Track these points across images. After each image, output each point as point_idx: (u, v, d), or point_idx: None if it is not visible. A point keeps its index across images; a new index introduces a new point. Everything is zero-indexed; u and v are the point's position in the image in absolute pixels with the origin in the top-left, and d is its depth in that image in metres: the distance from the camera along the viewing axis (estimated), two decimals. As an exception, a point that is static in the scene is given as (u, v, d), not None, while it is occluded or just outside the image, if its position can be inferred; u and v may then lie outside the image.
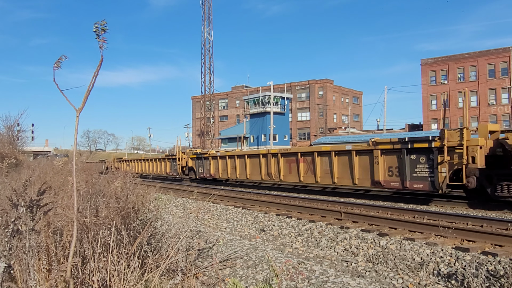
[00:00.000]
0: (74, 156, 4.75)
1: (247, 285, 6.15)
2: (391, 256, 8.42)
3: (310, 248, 9.92)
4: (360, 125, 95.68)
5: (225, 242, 9.18)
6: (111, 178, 8.50)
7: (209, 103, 77.37)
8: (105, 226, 5.16)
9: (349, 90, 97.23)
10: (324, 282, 6.00)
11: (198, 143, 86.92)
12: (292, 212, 13.75)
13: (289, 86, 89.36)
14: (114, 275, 4.62)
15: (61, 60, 4.40)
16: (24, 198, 4.51)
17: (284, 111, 69.16)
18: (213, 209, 15.69)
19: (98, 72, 4.40)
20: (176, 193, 21.20)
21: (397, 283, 7.12)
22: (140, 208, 6.93)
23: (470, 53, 68.77)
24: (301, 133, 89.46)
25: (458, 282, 6.97)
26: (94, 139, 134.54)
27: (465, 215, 11.79)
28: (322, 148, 21.70)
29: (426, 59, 73.40)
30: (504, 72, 65.17)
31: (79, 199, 5.83)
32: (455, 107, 69.23)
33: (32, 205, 4.56)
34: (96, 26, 4.32)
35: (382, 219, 11.14)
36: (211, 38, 73.69)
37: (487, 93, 66.50)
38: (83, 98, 4.39)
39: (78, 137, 4.77)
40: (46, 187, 5.01)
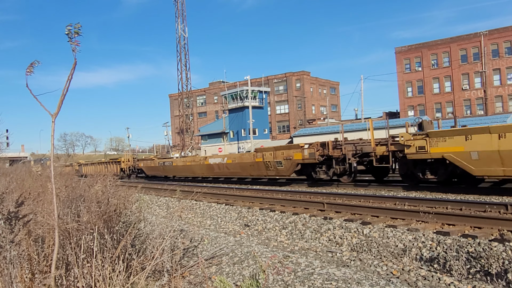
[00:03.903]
0: (52, 162, 4.68)
1: (234, 282, 6.16)
2: (375, 244, 8.55)
3: (295, 241, 9.99)
4: (338, 115, 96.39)
5: (210, 239, 9.17)
6: (91, 182, 8.38)
7: (187, 100, 76.84)
8: (87, 231, 5.10)
9: (326, 81, 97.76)
10: (310, 274, 6.05)
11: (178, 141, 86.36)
12: (275, 205, 13.81)
13: (266, 80, 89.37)
14: (99, 280, 4.58)
15: (34, 65, 4.31)
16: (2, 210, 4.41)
17: (262, 105, 69.17)
18: (197, 207, 15.64)
19: (72, 75, 4.33)
20: (158, 193, 21.06)
21: (381, 271, 7.23)
22: (122, 210, 6.86)
23: (443, 40, 69.81)
24: (281, 126, 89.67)
25: (440, 265, 7.12)
26: (72, 142, 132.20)
27: (445, 199, 12.04)
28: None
29: (400, 47, 74.25)
30: (476, 57, 66.40)
31: (59, 205, 5.74)
32: (430, 93, 70.32)
33: (11, 218, 4.46)
34: (68, 28, 4.23)
35: (364, 208, 11.29)
36: (186, 34, 73.02)
37: (460, 78, 67.69)
38: (58, 103, 4.32)
39: (54, 141, 4.69)
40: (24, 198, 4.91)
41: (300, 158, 21.56)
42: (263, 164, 24.16)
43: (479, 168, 14.42)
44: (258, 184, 25.67)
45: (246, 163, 25.90)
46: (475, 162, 14.42)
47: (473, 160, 14.47)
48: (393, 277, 6.78)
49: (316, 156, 20.55)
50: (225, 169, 28.15)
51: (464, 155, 14.68)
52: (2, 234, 4.42)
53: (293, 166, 22.25)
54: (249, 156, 26.14)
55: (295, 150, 22.17)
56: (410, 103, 72.41)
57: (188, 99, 77.16)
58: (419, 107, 71.05)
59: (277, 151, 23.39)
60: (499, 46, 64.47)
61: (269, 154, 23.83)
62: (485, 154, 14.06)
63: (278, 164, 23.07)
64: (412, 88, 72.54)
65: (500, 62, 64.62)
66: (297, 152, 21.84)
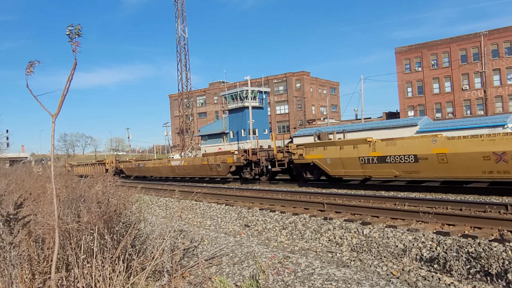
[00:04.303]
0: (52, 162, 4.68)
1: (234, 282, 6.16)
2: (375, 244, 8.55)
3: (295, 241, 9.99)
4: (338, 115, 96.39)
5: (210, 240, 9.18)
6: (91, 183, 8.39)
7: (187, 100, 76.85)
8: (87, 231, 5.11)
9: (326, 81, 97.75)
10: (310, 274, 6.06)
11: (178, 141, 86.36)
12: (275, 205, 13.81)
13: (266, 80, 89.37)
14: (99, 281, 4.58)
15: (34, 65, 4.30)
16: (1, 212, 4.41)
17: (262, 105, 69.17)
18: (196, 207, 15.64)
19: (73, 76, 4.33)
20: (158, 193, 21.06)
21: (381, 271, 7.23)
22: (122, 211, 6.87)
23: (443, 40, 69.82)
24: (281, 126, 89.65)
25: (440, 265, 7.12)
26: (72, 142, 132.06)
27: (445, 200, 12.04)
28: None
29: (400, 47, 74.26)
30: (476, 57, 66.40)
31: (59, 205, 5.74)
32: (430, 93, 70.31)
33: (10, 219, 4.46)
34: (69, 29, 4.23)
35: (364, 208, 11.29)
36: (186, 35, 73.06)
37: (460, 78, 67.69)
38: (58, 103, 4.32)
39: (55, 141, 4.69)
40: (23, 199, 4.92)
41: (231, 161, 26.68)
42: (208, 166, 29.15)
43: (332, 170, 20.13)
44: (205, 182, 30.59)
45: (197, 165, 30.78)
46: (330, 165, 20.12)
47: (328, 164, 20.18)
48: (393, 277, 6.78)
49: (241, 160, 25.90)
50: (183, 170, 32.97)
51: (323, 160, 20.42)
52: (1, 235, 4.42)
53: (227, 168, 27.29)
54: (199, 160, 31.31)
55: (228, 155, 27.30)
56: (410, 103, 72.41)
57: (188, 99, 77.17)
58: (419, 107, 71.06)
59: (217, 155, 28.89)
60: (499, 46, 64.47)
61: (212, 158, 28.86)
62: (334, 160, 19.79)
63: (218, 166, 28.22)
64: (412, 88, 72.54)
65: (500, 62, 64.62)
66: (230, 157, 26.91)
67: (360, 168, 18.56)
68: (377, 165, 17.75)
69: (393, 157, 17.10)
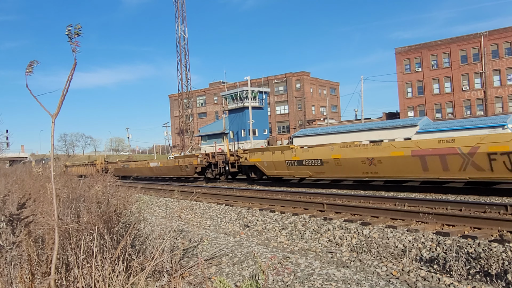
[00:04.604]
0: (52, 162, 4.68)
1: (234, 282, 6.16)
2: (375, 244, 8.55)
3: (295, 241, 9.99)
4: (338, 116, 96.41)
5: (209, 240, 9.17)
6: (91, 183, 8.39)
7: (186, 100, 76.88)
8: (87, 231, 5.11)
9: (326, 81, 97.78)
10: (310, 274, 6.06)
11: (178, 141, 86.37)
12: (275, 206, 13.81)
13: (266, 80, 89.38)
14: (99, 281, 4.58)
15: (33, 64, 4.31)
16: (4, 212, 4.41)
17: (262, 105, 69.18)
18: (196, 207, 15.64)
19: (72, 76, 4.33)
20: (157, 193, 21.06)
21: (381, 271, 7.23)
22: (122, 211, 6.87)
23: (443, 40, 69.85)
24: (281, 126, 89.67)
25: (440, 266, 7.12)
26: (72, 142, 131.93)
27: (444, 200, 12.04)
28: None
29: (400, 48, 74.29)
30: (476, 57, 66.43)
31: (59, 205, 5.74)
32: (430, 94, 70.34)
33: (12, 220, 4.47)
34: (68, 29, 4.23)
35: (364, 208, 11.29)
36: (186, 35, 73.12)
37: (460, 79, 67.71)
38: (58, 103, 4.32)
39: (54, 141, 4.69)
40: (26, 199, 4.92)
41: (196, 163, 30.33)
42: (179, 167, 32.79)
43: (268, 170, 24.08)
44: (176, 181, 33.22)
45: (170, 166, 34.53)
46: (266, 167, 24.13)
47: (265, 166, 24.16)
48: (393, 278, 6.78)
49: (204, 162, 29.88)
50: (159, 171, 36.66)
51: (261, 163, 24.42)
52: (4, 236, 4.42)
53: (194, 169, 30.84)
54: (171, 162, 35.51)
55: (194, 158, 31.15)
56: (410, 103, 72.43)
57: (188, 99, 77.21)
58: (419, 108, 71.08)
59: (185, 158, 32.90)
60: (499, 46, 64.49)
61: (182, 161, 32.71)
62: (268, 162, 23.83)
63: (186, 168, 31.71)
64: (412, 89, 72.55)
65: (500, 63, 64.64)
66: (195, 159, 30.69)
67: (286, 169, 22.81)
68: (297, 167, 21.99)
69: (307, 161, 21.24)
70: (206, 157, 29.74)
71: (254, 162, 24.95)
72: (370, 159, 17.87)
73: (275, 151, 23.55)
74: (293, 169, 22.21)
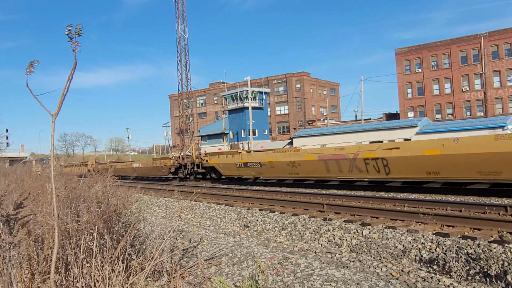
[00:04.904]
0: (52, 162, 4.68)
1: (234, 283, 6.16)
2: (374, 245, 8.55)
3: (295, 242, 9.99)
4: (338, 116, 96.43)
5: (209, 240, 9.17)
6: (91, 182, 8.38)
7: (186, 100, 76.81)
8: (87, 231, 5.10)
9: (326, 82, 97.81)
10: (310, 275, 6.06)
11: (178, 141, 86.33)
12: (275, 206, 13.80)
13: (266, 81, 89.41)
14: (98, 280, 4.58)
15: (34, 64, 4.30)
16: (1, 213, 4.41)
17: (262, 105, 69.22)
18: (196, 207, 15.64)
19: (73, 76, 4.33)
20: (157, 193, 21.07)
21: (381, 272, 7.23)
22: (122, 211, 6.86)
23: (443, 41, 69.89)
24: (281, 126, 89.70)
25: (439, 267, 7.12)
26: (71, 142, 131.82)
27: (444, 201, 12.04)
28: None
29: (400, 48, 74.33)
30: (476, 58, 66.48)
31: (59, 205, 5.74)
32: (430, 94, 70.38)
33: (9, 220, 4.46)
34: (68, 29, 4.23)
35: (364, 209, 11.29)
36: (186, 35, 73.04)
37: (460, 79, 67.75)
38: (58, 103, 4.32)
39: (54, 141, 4.69)
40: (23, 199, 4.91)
41: (170, 165, 34.55)
42: (156, 168, 37.13)
43: (223, 171, 28.52)
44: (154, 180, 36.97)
45: (150, 167, 39.06)
46: (221, 168, 28.53)
47: (221, 167, 28.54)
48: (393, 278, 6.78)
49: (176, 164, 34.12)
50: (141, 171, 40.22)
51: (218, 165, 28.78)
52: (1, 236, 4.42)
53: (168, 169, 35.03)
54: (150, 163, 40.17)
55: (168, 160, 35.92)
56: (410, 104, 72.45)
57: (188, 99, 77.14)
58: (419, 109, 71.09)
59: (161, 160, 38.16)
60: (499, 47, 64.54)
61: (158, 162, 37.69)
62: (223, 164, 28.17)
63: (162, 168, 35.89)
64: (412, 90, 72.60)
65: (500, 64, 64.67)
66: (169, 161, 35.21)
67: (236, 170, 27.18)
68: (244, 168, 26.31)
69: (250, 163, 25.44)
70: (178, 159, 34.33)
71: (213, 164, 29.48)
72: (292, 162, 21.96)
73: (228, 155, 28.70)
74: (241, 170, 26.73)
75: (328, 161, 19.89)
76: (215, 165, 29.18)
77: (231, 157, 27.73)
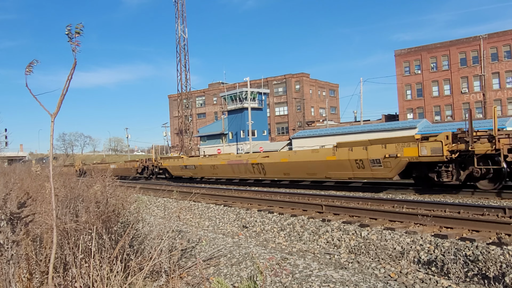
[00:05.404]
0: (51, 162, 4.68)
1: (232, 283, 6.16)
2: (373, 246, 8.55)
3: (293, 243, 9.99)
4: (337, 117, 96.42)
5: (208, 241, 9.17)
6: (90, 182, 8.38)
7: (186, 101, 76.86)
8: (85, 231, 5.10)
9: (325, 83, 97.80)
10: (308, 276, 6.06)
11: (177, 141, 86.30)
12: (273, 207, 13.80)
13: (265, 81, 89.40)
14: (97, 280, 4.57)
15: (33, 64, 4.30)
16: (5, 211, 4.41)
17: (261, 106, 69.18)
18: (195, 208, 15.63)
19: (72, 75, 4.33)
20: (156, 193, 21.06)
21: (379, 273, 7.24)
22: (120, 211, 6.86)
23: (442, 43, 69.93)
24: (280, 127, 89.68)
25: (438, 268, 7.13)
26: (70, 142, 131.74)
27: (443, 202, 12.05)
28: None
29: (400, 50, 74.34)
30: (475, 60, 66.51)
31: (57, 205, 5.74)
32: (429, 96, 70.41)
33: (13, 218, 4.46)
34: (68, 28, 4.22)
35: (362, 210, 11.29)
36: (186, 35, 73.12)
37: (459, 81, 67.79)
38: (57, 103, 4.31)
39: (53, 140, 4.69)
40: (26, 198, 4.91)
41: (136, 166, 40.88)
42: (127, 169, 43.21)
43: (172, 172, 35.00)
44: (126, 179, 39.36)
45: (122, 168, 44.99)
46: (171, 169, 35.07)
47: (170, 169, 35.02)
48: (391, 280, 6.78)
49: (141, 166, 40.33)
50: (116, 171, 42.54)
51: (169, 167, 35.40)
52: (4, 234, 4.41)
53: (135, 170, 41.09)
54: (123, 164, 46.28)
55: (135, 162, 41.99)
56: (409, 106, 72.48)
57: (188, 100, 77.20)
58: (418, 110, 71.13)
59: (131, 162, 44.46)
60: (498, 49, 64.59)
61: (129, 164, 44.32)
62: (171, 166, 34.83)
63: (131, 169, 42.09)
64: (412, 91, 72.62)
65: (499, 66, 64.73)
66: (136, 163, 41.45)
67: (180, 171, 34.07)
68: (185, 169, 33.12)
69: (189, 166, 32.43)
70: (142, 162, 40.94)
71: (166, 166, 36.16)
72: (213, 166, 29.29)
73: (175, 159, 35.93)
74: (184, 170, 33.46)
75: (233, 165, 27.37)
76: (166, 167, 36.05)
77: (177, 161, 34.81)
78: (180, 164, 33.48)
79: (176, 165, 34.17)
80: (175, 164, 34.40)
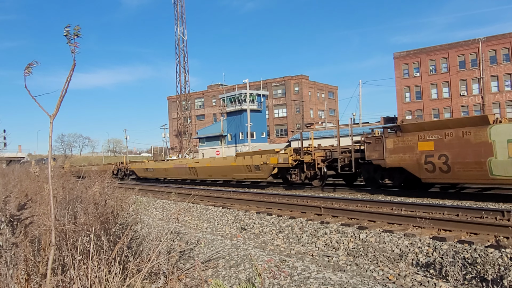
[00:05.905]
0: (50, 163, 4.68)
1: (230, 285, 6.16)
2: (371, 249, 8.55)
3: (292, 245, 9.99)
4: (336, 119, 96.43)
5: (206, 242, 9.16)
6: (89, 184, 8.37)
7: (185, 102, 76.85)
8: (84, 232, 5.09)
9: (324, 85, 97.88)
10: (307, 278, 6.05)
11: (176, 143, 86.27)
12: (272, 209, 13.80)
13: (264, 83, 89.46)
14: (95, 282, 4.57)
15: (32, 65, 4.30)
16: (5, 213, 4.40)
17: (260, 108, 69.18)
18: (193, 209, 15.62)
19: (71, 77, 4.33)
20: (155, 195, 21.04)
21: (377, 275, 7.24)
22: (119, 212, 6.86)
23: (441, 46, 70.05)
24: (279, 129, 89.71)
25: (436, 271, 7.13)
26: (69, 143, 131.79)
27: (441, 205, 12.07)
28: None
29: (399, 52, 74.46)
30: (474, 63, 66.64)
31: (56, 206, 5.73)
32: (428, 99, 70.51)
33: (13, 220, 4.45)
34: (66, 30, 4.22)
35: (361, 212, 11.29)
36: (185, 37, 73.16)
37: (458, 84, 67.91)
38: (56, 104, 4.31)
39: (52, 141, 4.69)
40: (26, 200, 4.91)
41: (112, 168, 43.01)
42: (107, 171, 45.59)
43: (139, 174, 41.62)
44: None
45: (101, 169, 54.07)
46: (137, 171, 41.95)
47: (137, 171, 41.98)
48: (389, 282, 6.79)
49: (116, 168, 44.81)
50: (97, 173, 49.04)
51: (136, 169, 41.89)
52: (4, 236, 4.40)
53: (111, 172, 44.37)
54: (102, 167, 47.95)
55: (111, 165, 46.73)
56: (408, 108, 72.56)
57: (187, 101, 77.17)
58: (417, 113, 71.21)
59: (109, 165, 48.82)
60: (497, 52, 64.73)
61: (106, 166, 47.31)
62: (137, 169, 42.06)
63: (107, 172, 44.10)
64: (410, 94, 72.72)
65: (498, 69, 64.86)
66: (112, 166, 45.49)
67: (144, 173, 40.61)
68: (147, 172, 39.76)
69: (149, 168, 39.20)
70: (116, 165, 46.06)
71: (134, 169, 42.56)
72: (165, 169, 36.44)
73: (139, 163, 43.19)
74: (146, 172, 40.28)
75: (178, 168, 34.29)
76: (134, 169, 42.44)
77: (141, 164, 41.84)
78: (143, 167, 40.64)
79: (140, 168, 41.21)
80: (140, 167, 41.51)
